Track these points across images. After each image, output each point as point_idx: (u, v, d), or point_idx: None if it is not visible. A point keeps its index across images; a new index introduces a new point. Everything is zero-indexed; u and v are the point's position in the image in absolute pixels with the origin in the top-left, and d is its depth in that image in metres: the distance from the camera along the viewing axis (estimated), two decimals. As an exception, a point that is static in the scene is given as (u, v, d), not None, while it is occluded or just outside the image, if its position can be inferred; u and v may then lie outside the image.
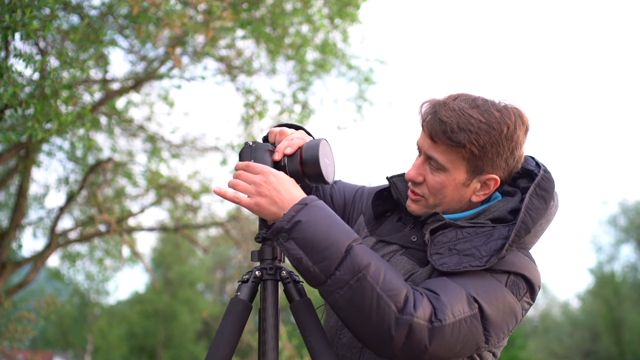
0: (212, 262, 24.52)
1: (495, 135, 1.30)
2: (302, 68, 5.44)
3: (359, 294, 1.17)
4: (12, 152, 5.00)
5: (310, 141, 1.37)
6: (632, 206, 26.23)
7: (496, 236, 1.31)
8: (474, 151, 1.30)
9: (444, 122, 1.30)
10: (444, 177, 1.35)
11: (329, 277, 1.18)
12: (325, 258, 1.18)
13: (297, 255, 1.20)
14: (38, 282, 14.84)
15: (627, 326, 23.55)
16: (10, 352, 4.28)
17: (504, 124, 1.31)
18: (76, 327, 21.04)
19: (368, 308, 1.17)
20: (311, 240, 1.19)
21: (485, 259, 1.27)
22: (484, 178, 1.36)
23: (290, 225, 1.20)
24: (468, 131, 1.29)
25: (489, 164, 1.33)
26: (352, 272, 1.17)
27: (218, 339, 1.30)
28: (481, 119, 1.30)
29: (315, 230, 1.19)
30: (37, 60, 2.75)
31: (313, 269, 1.19)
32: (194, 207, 6.54)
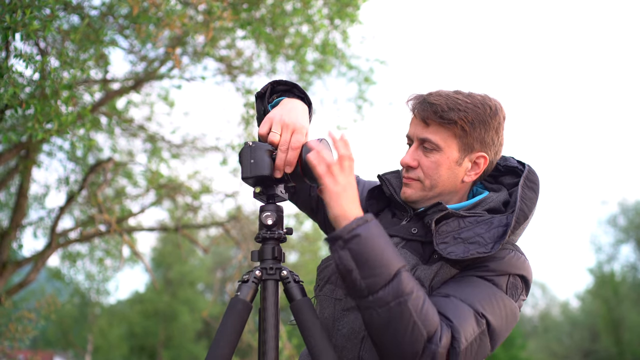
0: (212, 262, 24.52)
1: (481, 113, 1.41)
2: (302, 68, 5.44)
3: (397, 317, 1.21)
4: (12, 152, 5.01)
5: (310, 141, 1.37)
6: (631, 206, 26.25)
7: (496, 224, 1.37)
8: (465, 127, 1.39)
9: (434, 104, 1.40)
10: (438, 157, 1.42)
11: (372, 294, 1.22)
12: (374, 275, 1.21)
13: (348, 267, 1.23)
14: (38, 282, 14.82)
15: (626, 326, 23.56)
16: (10, 352, 4.28)
17: (487, 104, 1.43)
18: (76, 326, 21.05)
19: (402, 332, 1.21)
20: (365, 256, 1.22)
21: (490, 245, 1.33)
22: (475, 156, 1.44)
23: (350, 236, 1.23)
24: (457, 110, 1.39)
25: (478, 141, 1.42)
26: (395, 295, 1.21)
27: (218, 339, 1.30)
28: (467, 100, 1.41)
29: (371, 247, 1.23)
30: (38, 61, 2.76)
31: (360, 283, 1.22)
32: (194, 207, 6.54)
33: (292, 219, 7.28)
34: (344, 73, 6.06)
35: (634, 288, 25.06)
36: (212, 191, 6.44)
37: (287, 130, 1.37)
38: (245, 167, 1.38)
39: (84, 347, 21.39)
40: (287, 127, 1.37)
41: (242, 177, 1.39)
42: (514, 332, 22.82)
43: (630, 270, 26.02)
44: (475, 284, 1.32)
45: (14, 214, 5.67)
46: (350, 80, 6.15)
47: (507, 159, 1.55)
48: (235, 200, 6.63)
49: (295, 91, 1.55)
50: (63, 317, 19.28)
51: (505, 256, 1.36)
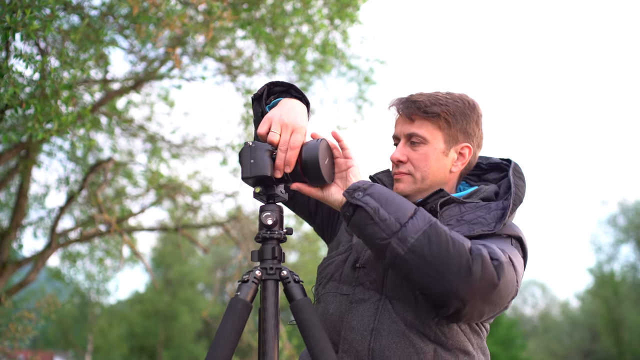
0: (212, 262, 24.52)
1: (461, 107, 1.51)
2: (302, 68, 5.44)
3: (434, 235, 1.27)
4: (12, 152, 5.01)
5: (310, 142, 1.37)
6: (631, 206, 26.25)
7: (494, 208, 1.46)
8: (448, 119, 1.49)
9: (417, 101, 1.49)
10: (426, 149, 1.49)
11: (404, 224, 1.28)
12: (399, 209, 1.31)
13: (374, 206, 1.30)
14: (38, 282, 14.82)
15: (626, 326, 23.55)
16: (11, 352, 4.28)
17: (465, 100, 1.54)
18: (77, 326, 21.05)
19: (445, 247, 1.26)
20: (385, 196, 1.33)
21: (492, 224, 1.41)
22: (459, 147, 1.52)
23: (367, 185, 1.35)
24: (439, 104, 1.49)
25: (461, 132, 1.51)
26: (424, 221, 1.29)
27: (218, 339, 1.30)
28: (447, 96, 1.52)
29: (387, 192, 1.35)
30: (38, 61, 2.76)
31: (390, 218, 1.29)
32: (194, 207, 6.54)
33: (292, 219, 7.28)
34: (344, 73, 6.06)
35: (633, 288, 25.06)
36: (212, 191, 6.44)
37: (287, 130, 1.38)
38: (245, 167, 1.38)
39: (84, 347, 21.39)
40: (287, 127, 1.39)
41: (242, 177, 1.40)
42: (514, 332, 22.82)
43: (630, 270, 26.02)
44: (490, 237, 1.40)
45: (14, 214, 5.67)
46: (350, 80, 6.15)
47: (489, 158, 1.64)
48: (235, 200, 6.63)
49: (292, 92, 1.57)
50: (63, 317, 19.28)
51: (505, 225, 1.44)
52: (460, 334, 1.41)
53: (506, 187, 1.52)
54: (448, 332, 1.39)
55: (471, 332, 1.44)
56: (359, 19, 4.91)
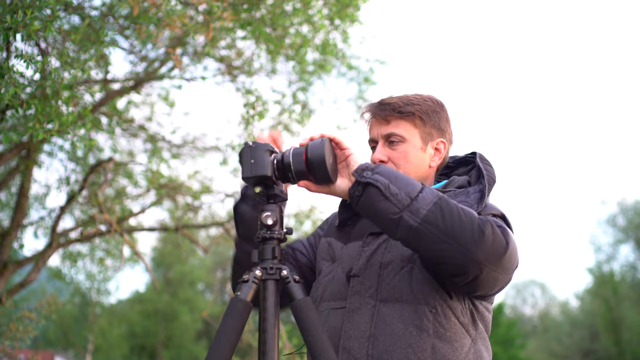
0: (213, 262, 24.52)
1: (431, 105, 1.60)
2: (302, 68, 5.44)
3: (445, 205, 1.33)
4: (13, 152, 5.01)
5: (315, 141, 1.38)
6: (630, 206, 26.25)
7: (472, 192, 1.53)
8: (422, 117, 1.57)
9: (391, 103, 1.57)
10: (405, 147, 1.56)
11: (414, 198, 1.33)
12: (408, 184, 1.36)
13: (384, 182, 1.35)
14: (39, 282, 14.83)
15: (626, 325, 23.55)
16: (11, 352, 4.29)
17: (433, 99, 1.62)
18: (77, 326, 21.05)
19: (457, 214, 1.32)
20: (394, 174, 1.38)
21: (475, 205, 1.48)
22: (435, 143, 1.60)
23: (375, 165, 1.40)
24: (411, 104, 1.57)
25: (435, 129, 1.59)
26: (432, 194, 1.35)
27: (218, 339, 1.31)
28: (417, 97, 1.60)
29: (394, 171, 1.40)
30: (38, 61, 2.77)
31: (399, 192, 1.33)
32: (194, 207, 6.54)
33: (292, 219, 7.28)
34: (344, 73, 6.06)
35: (633, 288, 25.06)
36: (212, 191, 6.44)
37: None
38: (245, 167, 1.39)
39: (84, 346, 21.39)
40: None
41: (242, 177, 1.40)
42: (514, 332, 22.82)
43: (629, 270, 26.02)
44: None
45: (15, 213, 5.67)
46: (350, 81, 6.16)
47: (455, 156, 1.73)
48: (235, 200, 6.62)
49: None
50: (64, 317, 19.28)
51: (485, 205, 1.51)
52: (458, 326, 1.42)
53: (477, 174, 1.60)
54: (446, 324, 1.40)
55: (470, 323, 1.45)
56: (359, 19, 4.92)
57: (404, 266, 1.45)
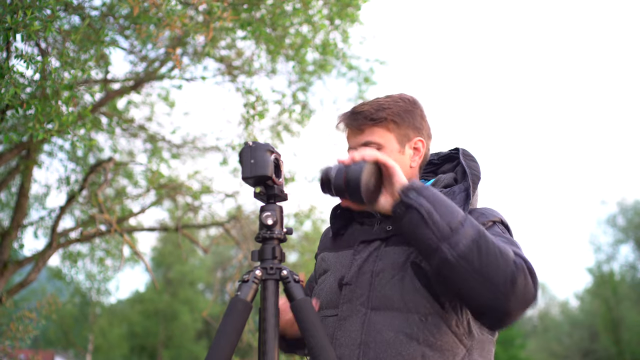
0: (213, 262, 24.53)
1: (403, 105, 1.57)
2: (302, 68, 5.44)
3: (484, 243, 1.29)
4: (13, 152, 5.01)
5: (356, 164, 1.39)
6: (630, 206, 26.25)
7: (458, 191, 1.52)
8: (395, 120, 1.55)
9: (362, 111, 1.55)
10: (384, 152, 1.53)
11: (455, 230, 1.30)
12: (450, 213, 1.32)
13: (427, 208, 1.32)
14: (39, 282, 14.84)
15: (625, 325, 23.56)
16: (11, 352, 4.29)
17: (404, 98, 1.60)
18: (77, 326, 21.06)
19: (493, 256, 1.28)
20: (438, 199, 1.35)
21: (461, 207, 1.46)
22: (413, 143, 1.58)
23: (419, 186, 1.36)
24: (383, 109, 1.54)
25: (411, 129, 1.57)
26: (473, 228, 1.31)
27: (218, 339, 1.31)
28: (387, 100, 1.58)
29: (438, 194, 1.37)
30: (38, 61, 2.77)
31: (441, 222, 1.31)
32: (194, 206, 6.54)
33: (292, 219, 7.29)
34: (344, 73, 6.07)
35: (633, 288, 25.06)
36: (212, 191, 6.45)
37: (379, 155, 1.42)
38: (245, 167, 1.39)
39: (84, 346, 21.39)
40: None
41: (242, 177, 1.40)
42: (513, 332, 22.82)
43: (629, 270, 26.03)
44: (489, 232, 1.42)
45: (15, 213, 5.67)
46: (351, 81, 6.16)
47: (439, 152, 1.72)
48: (235, 200, 6.63)
49: None
50: (64, 317, 19.29)
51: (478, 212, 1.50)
52: (450, 335, 1.40)
53: (462, 171, 1.59)
54: (437, 333, 1.39)
55: (466, 333, 1.44)
56: (359, 19, 4.92)
57: (395, 274, 1.45)
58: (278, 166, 1.43)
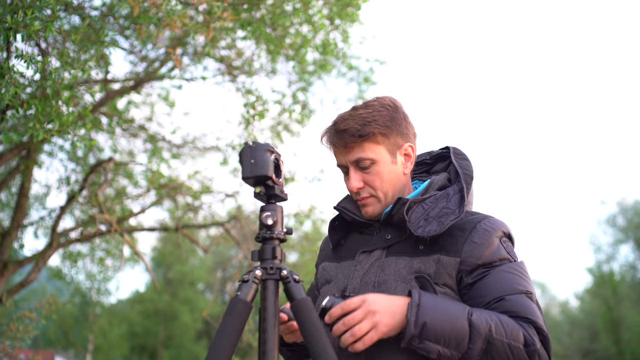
0: (213, 262, 24.53)
1: (387, 113, 1.53)
2: (302, 68, 5.45)
3: (493, 351, 1.33)
4: (13, 152, 5.02)
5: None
6: (630, 206, 26.24)
7: (452, 193, 1.52)
8: (383, 132, 1.51)
9: (347, 129, 1.50)
10: (377, 167, 1.52)
11: (465, 352, 1.33)
12: (456, 341, 1.33)
13: (435, 350, 1.33)
14: (39, 282, 14.83)
15: (625, 325, 23.55)
16: (12, 351, 4.30)
17: (385, 105, 1.55)
18: (77, 326, 21.06)
19: (506, 357, 1.33)
20: (441, 333, 1.32)
21: (457, 210, 1.47)
22: (403, 150, 1.56)
23: (419, 329, 1.32)
24: (368, 123, 1.50)
25: (398, 136, 1.54)
26: (481, 339, 1.33)
27: (218, 339, 1.31)
28: (368, 110, 1.52)
29: (439, 322, 1.33)
30: (39, 61, 2.77)
31: (451, 354, 1.33)
32: (194, 206, 6.55)
33: (292, 219, 7.29)
34: (344, 73, 6.07)
35: (633, 287, 25.06)
36: (212, 191, 6.45)
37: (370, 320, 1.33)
38: (245, 167, 1.39)
39: (84, 346, 21.40)
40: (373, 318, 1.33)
41: (242, 177, 1.40)
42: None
43: (629, 270, 26.02)
44: (499, 274, 1.44)
45: (15, 213, 5.68)
46: (350, 81, 6.16)
47: (431, 152, 1.72)
48: (235, 200, 6.64)
49: None
50: (64, 317, 19.29)
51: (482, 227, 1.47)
52: None
53: (455, 171, 1.59)
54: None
55: None
56: (359, 19, 4.92)
57: (398, 286, 1.45)
58: (278, 166, 1.42)
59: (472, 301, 1.43)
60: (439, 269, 1.44)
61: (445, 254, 1.45)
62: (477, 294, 1.43)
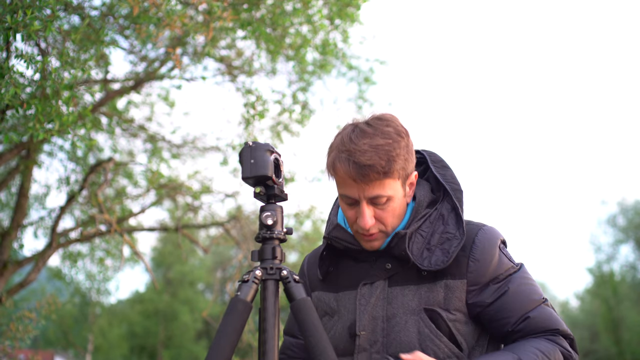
0: (212, 262, 24.53)
1: (404, 144, 1.43)
2: (302, 68, 5.45)
3: None
4: (13, 152, 5.01)
5: None
6: (630, 206, 26.23)
7: (446, 214, 1.48)
8: (403, 166, 1.43)
9: (372, 165, 1.38)
10: (392, 203, 1.44)
11: None
12: None
13: None
14: (39, 282, 14.83)
15: (626, 326, 23.55)
16: (11, 352, 4.29)
17: (399, 133, 1.44)
18: (77, 326, 21.06)
19: None
20: None
21: (458, 233, 1.44)
22: (409, 180, 1.48)
23: None
24: (392, 159, 1.39)
25: (408, 166, 1.45)
26: None
27: (218, 339, 1.31)
28: (387, 140, 1.40)
29: None
30: (38, 61, 2.77)
31: None
32: (194, 207, 6.55)
33: (292, 219, 7.29)
34: (344, 73, 6.07)
35: (633, 288, 25.06)
36: (212, 191, 6.45)
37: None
38: (245, 167, 1.39)
39: (84, 346, 21.40)
40: None
41: (242, 177, 1.40)
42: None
43: (629, 270, 26.02)
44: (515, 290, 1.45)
45: (15, 213, 5.67)
46: (351, 81, 6.16)
47: None
48: (235, 200, 6.64)
49: None
50: (63, 317, 19.28)
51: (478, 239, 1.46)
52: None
53: (435, 180, 1.54)
54: None
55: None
56: (359, 19, 4.92)
57: (408, 320, 1.43)
58: (278, 166, 1.42)
59: (497, 323, 1.44)
60: (448, 294, 1.43)
61: (451, 277, 1.43)
62: (501, 316, 1.44)
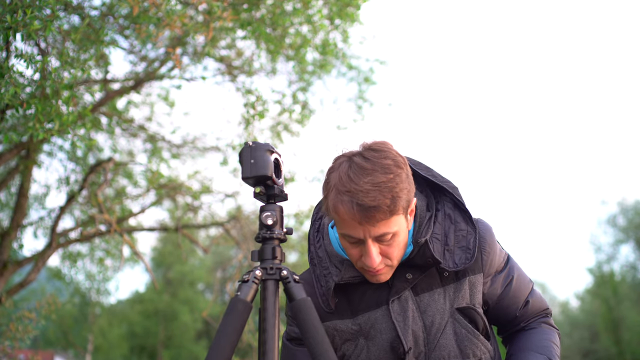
0: (212, 262, 24.54)
1: (405, 176, 1.39)
2: (302, 68, 5.45)
3: None
4: (13, 152, 5.01)
5: None
6: (631, 206, 26.24)
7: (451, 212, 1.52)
8: (405, 198, 1.38)
9: (377, 206, 1.33)
10: (397, 238, 1.41)
11: None
12: None
13: None
14: (39, 282, 14.84)
15: (626, 326, 23.56)
16: (11, 352, 4.29)
17: (398, 164, 1.39)
18: (77, 326, 21.07)
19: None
20: None
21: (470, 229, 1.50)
22: (410, 208, 1.44)
23: None
24: (397, 196, 1.35)
25: (411, 197, 1.42)
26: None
27: (218, 339, 1.30)
28: (388, 176, 1.36)
29: None
30: (38, 61, 2.77)
31: None
32: (194, 207, 6.55)
33: (292, 219, 7.29)
34: (344, 73, 6.07)
35: (633, 288, 25.07)
36: (212, 191, 6.45)
37: None
38: (245, 167, 1.38)
39: (84, 346, 21.41)
40: None
41: (242, 177, 1.40)
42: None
43: (629, 270, 26.03)
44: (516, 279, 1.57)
45: (15, 213, 5.67)
46: (350, 81, 6.16)
47: None
48: (235, 200, 6.64)
49: None
50: (63, 317, 19.29)
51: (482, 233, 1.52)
52: None
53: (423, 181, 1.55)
54: None
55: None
56: (359, 19, 4.92)
57: (445, 323, 1.48)
58: (278, 166, 1.42)
59: (505, 310, 1.57)
60: (472, 290, 1.49)
61: (472, 273, 1.50)
62: (509, 303, 1.57)
